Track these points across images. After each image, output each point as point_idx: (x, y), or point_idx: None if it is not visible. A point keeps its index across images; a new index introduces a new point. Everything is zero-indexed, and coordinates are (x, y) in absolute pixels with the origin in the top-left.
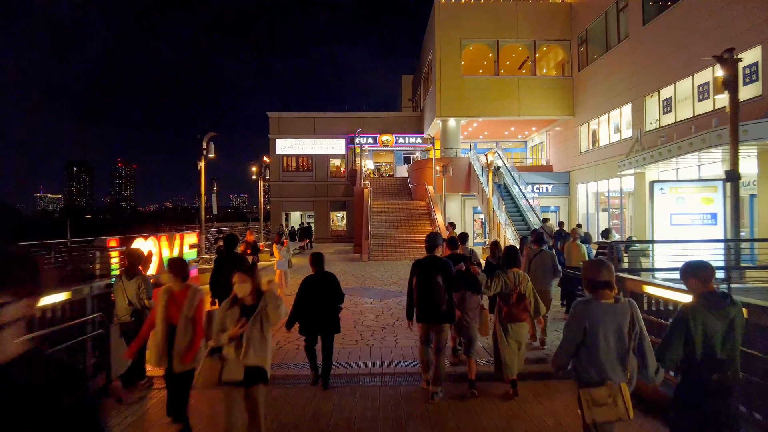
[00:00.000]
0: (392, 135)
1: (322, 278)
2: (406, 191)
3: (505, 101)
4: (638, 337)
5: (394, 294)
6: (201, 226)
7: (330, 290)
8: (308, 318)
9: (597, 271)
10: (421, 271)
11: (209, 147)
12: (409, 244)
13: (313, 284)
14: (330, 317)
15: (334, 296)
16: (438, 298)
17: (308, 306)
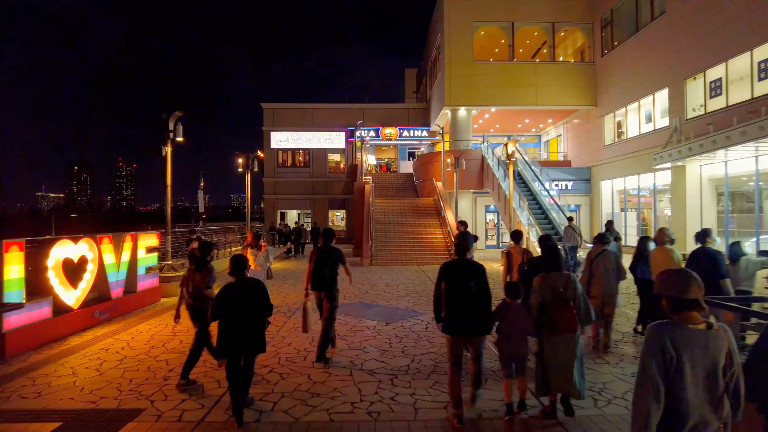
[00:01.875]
0: (396, 128)
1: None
2: (411, 188)
3: (520, 89)
4: (735, 376)
5: (404, 313)
6: (167, 226)
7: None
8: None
9: (684, 286)
10: (451, 276)
11: (176, 129)
12: (416, 246)
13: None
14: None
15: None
16: (471, 306)
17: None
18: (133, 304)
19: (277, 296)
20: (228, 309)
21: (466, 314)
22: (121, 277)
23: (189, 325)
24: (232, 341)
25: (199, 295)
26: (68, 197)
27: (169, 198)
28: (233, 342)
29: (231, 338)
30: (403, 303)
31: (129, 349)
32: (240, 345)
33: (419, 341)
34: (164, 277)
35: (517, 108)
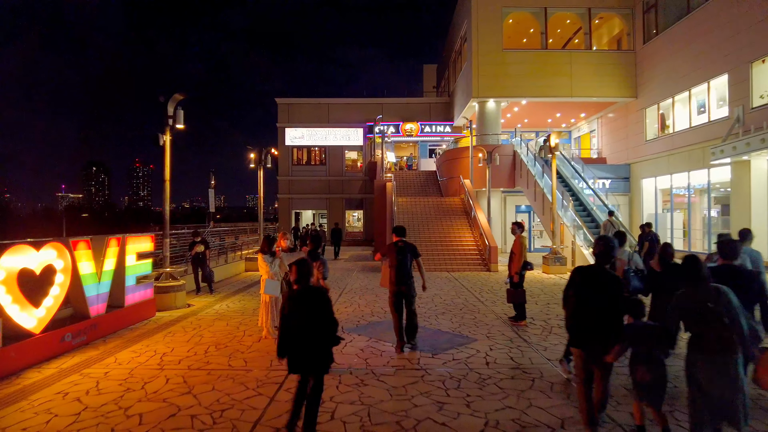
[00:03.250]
0: (417, 123)
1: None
2: (434, 186)
3: (554, 80)
4: None
5: (451, 339)
6: (165, 227)
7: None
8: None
9: None
10: (584, 284)
11: (177, 115)
12: (444, 251)
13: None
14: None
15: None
16: (603, 320)
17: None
18: (120, 321)
19: None
20: (290, 321)
21: (597, 328)
22: (104, 290)
23: (182, 352)
24: (294, 356)
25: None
26: (86, 198)
27: (167, 195)
28: (295, 357)
29: (293, 353)
30: (444, 323)
31: (95, 392)
32: (301, 361)
33: (485, 386)
34: (161, 287)
35: (551, 100)
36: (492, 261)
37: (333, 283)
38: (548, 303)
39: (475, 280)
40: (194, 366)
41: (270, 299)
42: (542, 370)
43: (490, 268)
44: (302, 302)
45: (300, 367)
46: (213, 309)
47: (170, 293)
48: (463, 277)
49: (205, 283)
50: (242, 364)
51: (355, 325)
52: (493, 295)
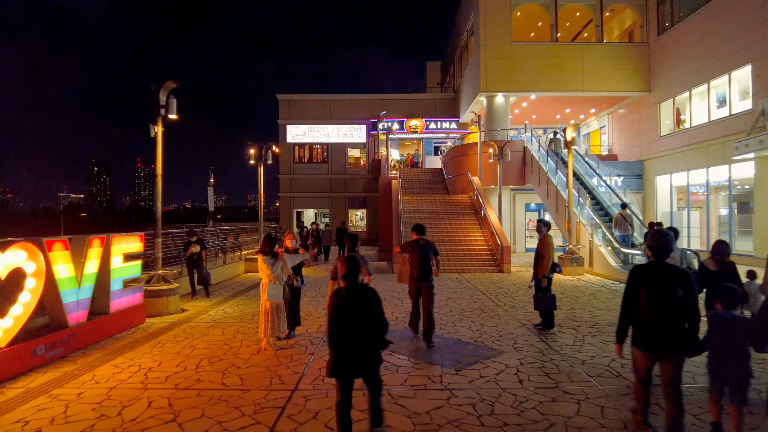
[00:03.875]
0: (422, 119)
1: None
2: (441, 184)
3: (565, 74)
4: None
5: (474, 350)
6: (157, 225)
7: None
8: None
9: None
10: (651, 282)
11: (169, 104)
12: (454, 250)
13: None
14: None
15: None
16: (676, 319)
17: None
18: (104, 330)
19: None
20: (332, 321)
21: (668, 328)
22: (85, 296)
23: (170, 367)
24: (336, 360)
25: None
26: (88, 198)
27: (159, 190)
28: (339, 360)
29: (336, 356)
30: (463, 331)
31: (62, 420)
32: (345, 365)
33: (523, 411)
34: (152, 290)
35: (562, 95)
36: (504, 261)
37: None
38: (573, 308)
39: (488, 282)
40: (183, 384)
41: (271, 306)
42: (586, 390)
43: (502, 268)
44: (354, 300)
45: (351, 369)
46: (208, 315)
47: (162, 297)
48: (475, 279)
49: (201, 286)
50: (238, 383)
51: None
52: (511, 299)
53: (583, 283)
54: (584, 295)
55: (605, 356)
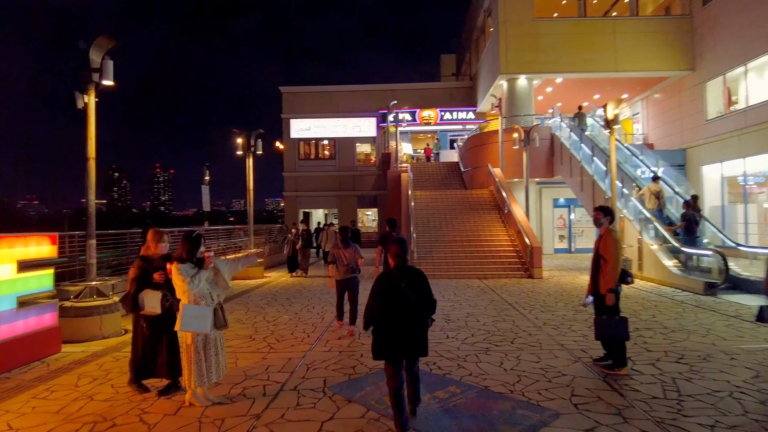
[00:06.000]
0: (435, 109)
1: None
2: (457, 178)
3: (595, 52)
4: None
5: (514, 410)
6: (89, 223)
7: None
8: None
9: None
10: None
11: (104, 66)
12: (474, 252)
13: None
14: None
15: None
16: None
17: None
18: None
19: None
20: (385, 303)
21: None
22: None
23: None
24: (389, 341)
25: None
26: (110, 203)
27: (92, 179)
28: (391, 342)
29: (388, 338)
30: (493, 372)
31: None
32: (398, 346)
33: None
34: (78, 308)
35: (592, 76)
36: (535, 265)
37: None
38: (636, 328)
39: (517, 291)
40: None
41: (194, 341)
42: None
43: (532, 273)
44: (406, 279)
45: (402, 349)
46: None
47: (94, 316)
48: (500, 287)
49: None
50: None
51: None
52: (552, 315)
53: (635, 291)
54: (644, 309)
55: (722, 414)
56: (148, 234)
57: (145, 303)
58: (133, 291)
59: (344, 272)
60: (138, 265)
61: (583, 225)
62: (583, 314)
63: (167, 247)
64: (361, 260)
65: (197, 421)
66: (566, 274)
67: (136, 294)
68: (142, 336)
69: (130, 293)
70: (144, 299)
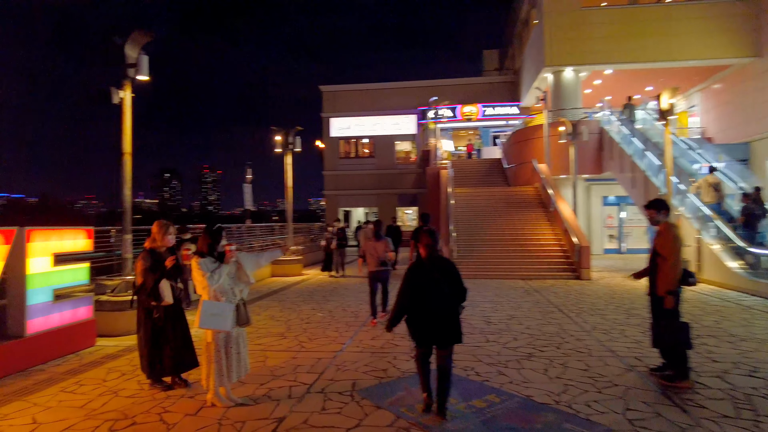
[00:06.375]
0: (477, 105)
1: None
2: (500, 175)
3: (648, 41)
4: None
5: (558, 424)
6: (125, 218)
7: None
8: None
9: None
10: None
11: (140, 62)
12: (517, 252)
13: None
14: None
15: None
16: None
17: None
18: (14, 361)
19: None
20: (415, 292)
21: None
22: None
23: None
24: (421, 329)
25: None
26: (162, 203)
27: (128, 171)
28: (423, 330)
29: (420, 325)
30: (535, 380)
31: None
32: (430, 334)
33: None
34: (116, 302)
35: (645, 66)
36: (583, 265)
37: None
38: (699, 334)
39: (563, 292)
40: None
41: (215, 339)
42: None
43: (581, 274)
44: (437, 269)
45: (431, 337)
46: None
47: (129, 311)
48: (546, 289)
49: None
50: None
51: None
52: (602, 320)
53: (694, 294)
54: (706, 314)
55: None
56: (154, 226)
57: (163, 294)
58: (154, 282)
59: (375, 264)
60: (146, 257)
61: (635, 224)
62: (637, 318)
63: (173, 239)
64: (393, 254)
65: (217, 422)
66: (617, 275)
67: (156, 284)
68: (153, 331)
69: (149, 285)
70: (163, 290)
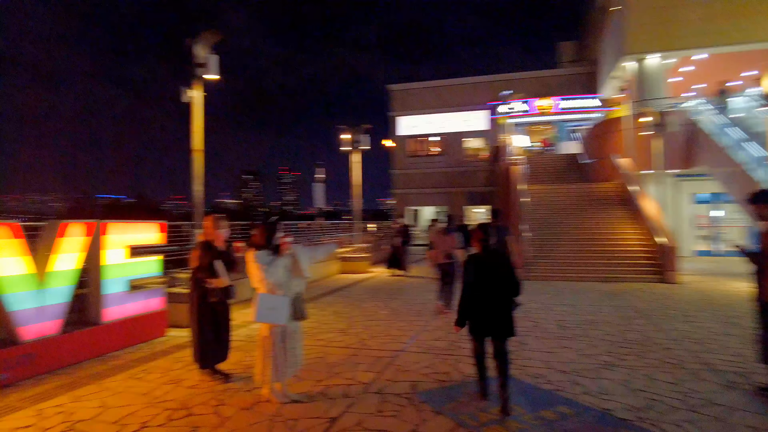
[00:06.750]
0: (552, 98)
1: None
2: (577, 171)
3: (746, 21)
4: None
5: None
6: (196, 213)
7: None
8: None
9: None
10: None
11: (209, 61)
12: (597, 252)
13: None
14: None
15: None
16: None
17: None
18: (92, 346)
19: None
20: (472, 283)
21: None
22: (55, 300)
23: (107, 421)
24: (474, 320)
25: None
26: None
27: (199, 169)
28: (475, 320)
29: (473, 316)
30: (614, 388)
31: None
32: (484, 325)
33: None
34: (188, 294)
35: (745, 48)
36: (671, 268)
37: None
38: None
39: (649, 297)
40: None
41: (272, 333)
42: None
43: (668, 277)
44: (490, 263)
45: (486, 329)
46: (251, 327)
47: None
48: (628, 292)
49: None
50: None
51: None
52: (694, 328)
53: None
54: None
55: None
56: (207, 220)
57: (219, 275)
58: (209, 259)
59: (443, 257)
60: (200, 245)
61: (732, 223)
62: (737, 327)
63: (226, 234)
64: (461, 251)
65: (269, 419)
66: (710, 279)
67: (212, 262)
68: (203, 318)
69: (204, 263)
70: (218, 271)
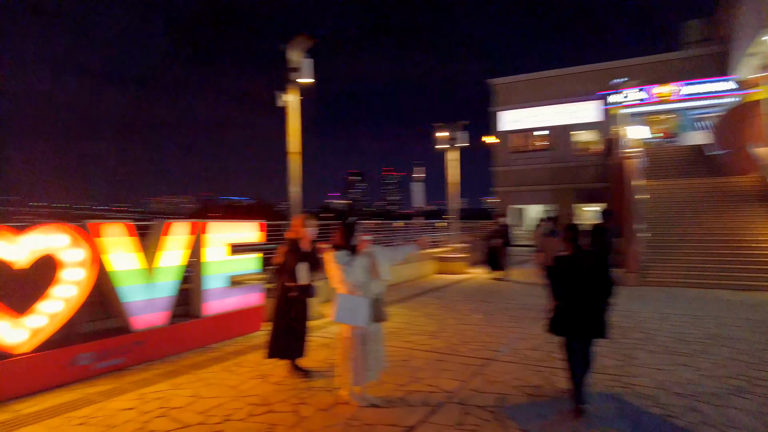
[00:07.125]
0: (673, 84)
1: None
2: (704, 164)
3: None
4: None
5: None
6: (292, 209)
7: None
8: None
9: None
10: None
11: (304, 66)
12: (727, 256)
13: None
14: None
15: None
16: None
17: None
18: (193, 338)
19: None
20: (560, 283)
21: None
22: (162, 293)
23: (195, 410)
24: (563, 320)
25: None
26: (351, 204)
27: (296, 171)
28: (565, 321)
29: (563, 317)
30: (744, 422)
31: None
32: (569, 325)
33: None
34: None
35: None
36: None
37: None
38: None
39: None
40: None
41: (353, 334)
42: None
43: None
44: (582, 264)
45: (574, 330)
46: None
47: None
48: (765, 303)
49: None
50: None
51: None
52: None
53: None
54: None
55: None
56: (296, 219)
57: (299, 275)
58: (294, 262)
59: (550, 260)
60: (287, 243)
61: None
62: None
63: (313, 233)
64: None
65: (345, 422)
66: None
67: (295, 264)
68: (279, 311)
69: (291, 265)
70: (299, 271)
